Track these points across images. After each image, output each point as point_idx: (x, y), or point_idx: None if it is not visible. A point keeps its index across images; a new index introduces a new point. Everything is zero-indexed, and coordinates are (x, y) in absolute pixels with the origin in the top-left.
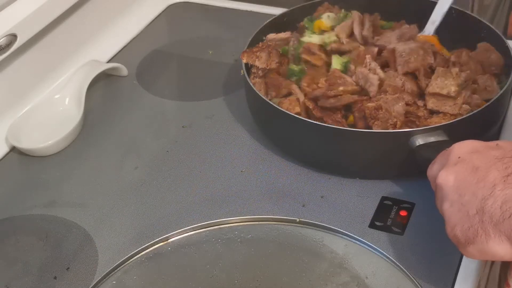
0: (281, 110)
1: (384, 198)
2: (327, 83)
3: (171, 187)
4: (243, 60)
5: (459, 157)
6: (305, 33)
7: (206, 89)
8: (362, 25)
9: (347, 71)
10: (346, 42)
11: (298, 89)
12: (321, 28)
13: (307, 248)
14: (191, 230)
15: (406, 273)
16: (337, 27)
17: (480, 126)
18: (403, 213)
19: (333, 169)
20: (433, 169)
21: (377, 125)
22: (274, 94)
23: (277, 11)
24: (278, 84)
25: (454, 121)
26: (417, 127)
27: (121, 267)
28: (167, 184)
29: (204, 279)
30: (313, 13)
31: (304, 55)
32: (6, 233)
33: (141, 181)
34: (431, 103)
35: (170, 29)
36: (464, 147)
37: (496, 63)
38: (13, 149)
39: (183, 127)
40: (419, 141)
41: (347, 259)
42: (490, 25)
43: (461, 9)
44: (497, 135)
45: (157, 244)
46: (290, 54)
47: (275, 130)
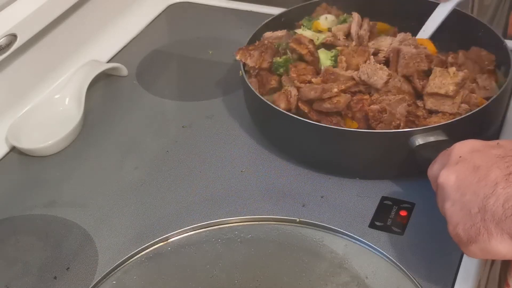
0: (279, 110)
1: (384, 198)
2: (321, 85)
3: (171, 187)
4: (237, 56)
5: (460, 157)
6: (300, 29)
7: (206, 89)
8: (360, 26)
9: (337, 64)
10: (342, 39)
11: (287, 79)
12: (318, 29)
13: (307, 248)
14: (191, 230)
15: (406, 273)
16: (335, 27)
17: (479, 125)
18: (403, 213)
19: (333, 169)
20: (433, 169)
21: (380, 128)
22: (261, 91)
23: (277, 11)
24: (265, 80)
25: (453, 120)
26: (417, 127)
27: (121, 267)
28: (167, 184)
29: (204, 279)
30: (311, 14)
31: (291, 44)
32: (6, 233)
33: (141, 181)
34: (430, 103)
35: (170, 29)
36: (465, 147)
37: (487, 58)
38: (13, 149)
39: (183, 127)
40: (419, 141)
41: (347, 259)
42: (487, 25)
43: (459, 9)
44: (497, 134)
45: (157, 244)
46: (281, 49)
47: (274, 130)
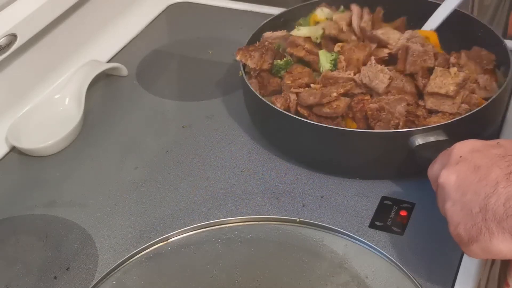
0: (279, 110)
1: (384, 198)
2: (319, 91)
3: (171, 187)
4: (237, 57)
5: (461, 157)
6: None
7: (206, 89)
8: (360, 18)
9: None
10: (346, 29)
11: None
12: (316, 20)
13: (307, 248)
14: (191, 230)
15: (406, 273)
16: (336, 15)
17: (479, 125)
18: (403, 213)
19: (333, 169)
20: (434, 169)
21: (379, 126)
22: (262, 92)
23: (277, 11)
24: (266, 82)
25: (453, 120)
26: (417, 127)
27: (121, 267)
28: (167, 184)
29: (204, 279)
30: (310, 14)
31: (288, 49)
32: (6, 233)
33: (141, 181)
34: (430, 103)
35: (170, 29)
36: (465, 147)
37: (487, 58)
38: (13, 149)
39: (183, 127)
40: (419, 140)
41: (347, 259)
42: (487, 25)
43: (458, 9)
44: (497, 134)
45: (157, 244)
46: (281, 50)
47: (274, 130)
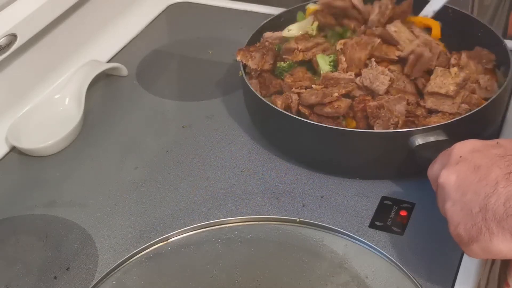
0: (279, 110)
1: (384, 198)
2: (321, 91)
3: (171, 187)
4: (238, 57)
5: (461, 157)
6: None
7: (206, 89)
8: (379, 9)
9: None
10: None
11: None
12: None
13: (307, 248)
14: (191, 230)
15: (406, 273)
16: None
17: (479, 125)
18: (403, 213)
19: (333, 169)
20: (434, 169)
21: (378, 124)
22: (264, 92)
23: (277, 11)
24: (268, 83)
25: (453, 120)
26: (416, 127)
27: (121, 267)
28: (167, 184)
29: (204, 279)
30: None
31: (285, 56)
32: (6, 233)
33: (141, 181)
34: (430, 102)
35: (170, 29)
36: (465, 147)
37: (487, 57)
38: (13, 149)
39: (183, 127)
40: (419, 140)
41: (347, 259)
42: (487, 25)
43: (458, 9)
44: (497, 134)
45: (157, 244)
46: (281, 51)
47: (274, 131)
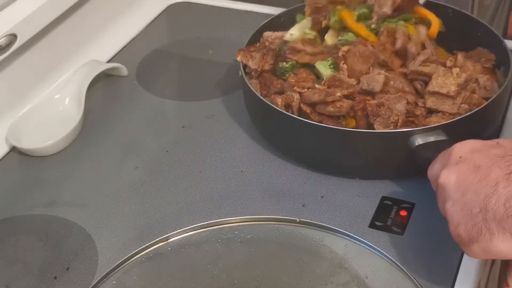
0: (279, 110)
1: (384, 198)
2: (324, 90)
3: (171, 187)
4: (238, 57)
5: (460, 157)
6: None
7: (206, 89)
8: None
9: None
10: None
11: (288, 86)
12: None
13: (307, 248)
14: (191, 230)
15: (406, 273)
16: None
17: (479, 125)
18: (403, 213)
19: (333, 169)
20: (433, 169)
21: (378, 122)
22: (265, 93)
23: (277, 11)
24: (269, 83)
25: (453, 120)
26: (416, 127)
27: (121, 267)
28: (167, 184)
29: (204, 279)
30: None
31: (290, 56)
32: (6, 233)
33: (141, 181)
34: (430, 102)
35: (170, 29)
36: (465, 147)
37: (486, 56)
38: (13, 149)
39: (183, 127)
40: (419, 140)
41: (347, 259)
42: (487, 25)
43: (458, 9)
44: (497, 134)
45: (157, 244)
46: (283, 52)
47: (274, 130)
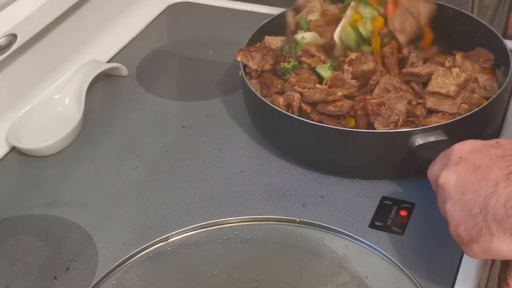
0: (279, 110)
1: (384, 198)
2: (325, 90)
3: (171, 187)
4: (238, 57)
5: (460, 157)
6: (298, 32)
7: (206, 89)
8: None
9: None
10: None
11: (289, 86)
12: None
13: (307, 248)
14: (191, 230)
15: (406, 273)
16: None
17: (479, 125)
18: (403, 213)
19: (333, 169)
20: (433, 169)
21: (378, 121)
22: (265, 93)
23: (277, 11)
24: (269, 83)
25: (453, 120)
26: (416, 127)
27: (121, 267)
28: (167, 184)
29: (204, 279)
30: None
31: (304, 58)
32: (6, 233)
33: (141, 181)
34: (430, 102)
35: (170, 29)
36: (465, 147)
37: (484, 56)
38: (13, 149)
39: (183, 127)
40: (419, 140)
41: (347, 259)
42: (487, 25)
43: (458, 9)
44: (497, 134)
45: (157, 244)
46: (285, 52)
47: (274, 130)
